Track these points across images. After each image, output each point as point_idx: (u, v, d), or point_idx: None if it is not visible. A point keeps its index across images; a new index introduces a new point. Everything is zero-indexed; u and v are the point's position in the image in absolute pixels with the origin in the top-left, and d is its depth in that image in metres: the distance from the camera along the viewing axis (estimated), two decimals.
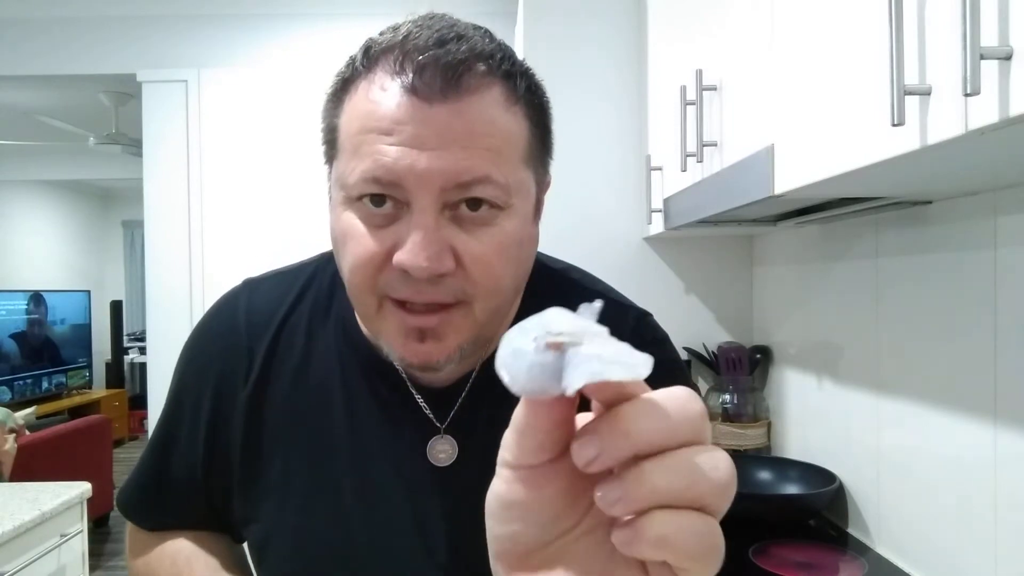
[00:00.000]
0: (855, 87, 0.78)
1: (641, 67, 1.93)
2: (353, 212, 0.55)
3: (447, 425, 0.64)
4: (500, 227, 0.56)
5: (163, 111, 2.94)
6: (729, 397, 1.80)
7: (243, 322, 0.69)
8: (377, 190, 0.53)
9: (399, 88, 0.52)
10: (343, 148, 0.56)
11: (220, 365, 0.68)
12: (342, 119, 0.57)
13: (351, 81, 0.56)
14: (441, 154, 0.52)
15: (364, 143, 0.53)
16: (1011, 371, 0.96)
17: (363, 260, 0.55)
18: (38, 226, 6.70)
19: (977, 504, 1.03)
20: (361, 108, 0.54)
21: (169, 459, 0.71)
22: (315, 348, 0.67)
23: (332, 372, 0.66)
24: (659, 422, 0.30)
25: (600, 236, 1.95)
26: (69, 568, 1.90)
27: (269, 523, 0.65)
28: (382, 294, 0.56)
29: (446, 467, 0.64)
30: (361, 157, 0.53)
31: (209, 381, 0.68)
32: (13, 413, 3.20)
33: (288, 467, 0.65)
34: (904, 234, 1.21)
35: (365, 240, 0.55)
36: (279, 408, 0.66)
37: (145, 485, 0.73)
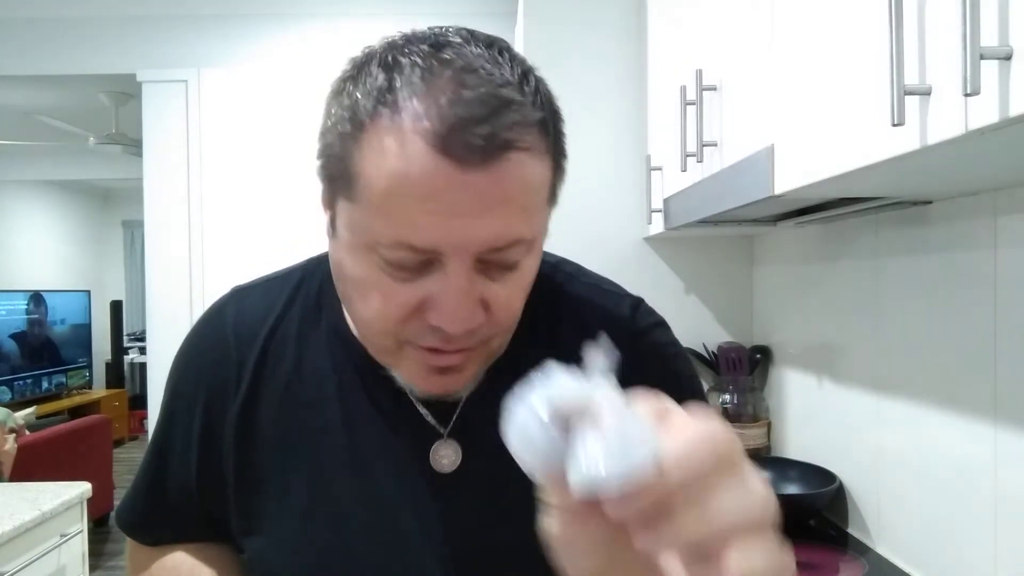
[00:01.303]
0: (855, 87, 0.78)
1: (641, 67, 1.92)
2: (376, 260, 0.51)
3: (450, 430, 0.62)
4: (524, 268, 0.55)
5: (163, 111, 2.94)
6: (729, 397, 1.80)
7: (231, 333, 0.66)
8: (410, 256, 0.50)
9: (437, 153, 0.47)
10: (367, 201, 0.50)
11: (209, 379, 0.67)
12: (364, 164, 0.50)
13: (372, 119, 0.49)
14: (477, 222, 0.49)
15: (396, 208, 0.49)
16: (1011, 371, 0.96)
17: (388, 313, 0.53)
18: (38, 226, 6.70)
19: (977, 504, 1.03)
20: (392, 165, 0.48)
21: (164, 474, 0.70)
22: (307, 356, 0.65)
23: (327, 380, 0.64)
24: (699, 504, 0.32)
25: (600, 236, 1.95)
26: (69, 568, 1.90)
27: (267, 537, 0.64)
28: (404, 340, 0.55)
29: (450, 473, 0.62)
30: (392, 222, 0.49)
31: (200, 395, 0.67)
32: (13, 413, 3.20)
33: (285, 480, 0.63)
34: (904, 234, 1.21)
35: (392, 293, 0.52)
36: (272, 419, 0.64)
37: (142, 501, 0.73)
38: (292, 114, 2.92)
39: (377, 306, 0.53)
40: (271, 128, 2.94)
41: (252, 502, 0.64)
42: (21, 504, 1.79)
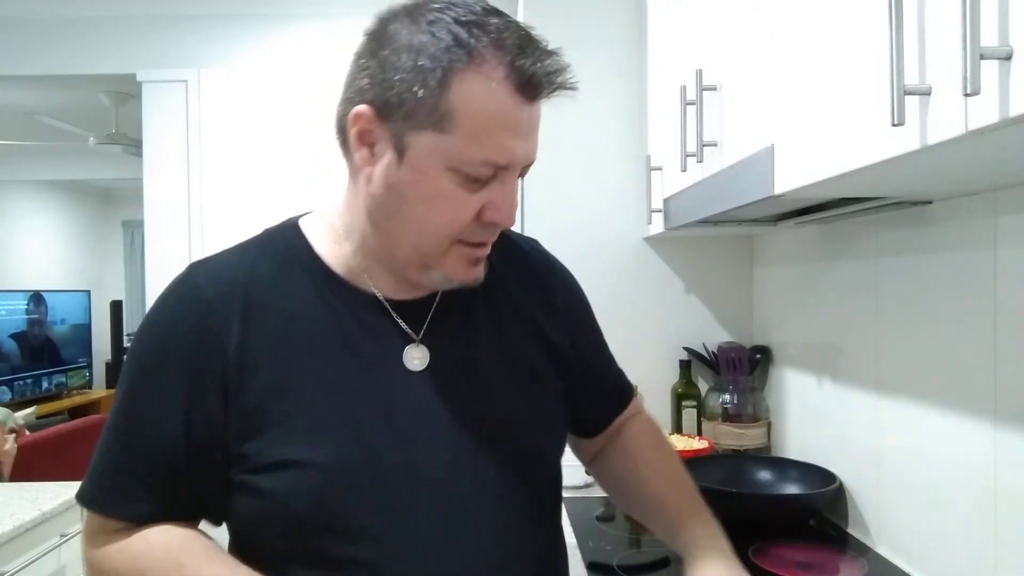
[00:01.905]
0: (855, 87, 0.78)
1: (641, 67, 1.93)
2: (451, 177, 0.67)
3: (421, 336, 0.76)
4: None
5: (163, 111, 2.94)
6: (729, 397, 1.80)
7: (210, 294, 0.72)
8: (488, 172, 0.68)
9: (518, 93, 0.66)
10: (460, 129, 0.65)
11: (192, 342, 0.71)
12: (458, 103, 0.65)
13: (458, 64, 0.64)
14: (530, 143, 0.69)
15: (489, 135, 0.66)
16: (1011, 371, 0.96)
17: (459, 218, 0.69)
18: (38, 226, 6.70)
19: (977, 504, 1.03)
20: (486, 103, 0.65)
21: (142, 444, 0.71)
22: (289, 298, 0.74)
23: (317, 311, 0.74)
24: None
25: (600, 236, 1.95)
26: (69, 568, 1.90)
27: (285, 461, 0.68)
28: (458, 240, 0.71)
29: (423, 368, 0.75)
30: (484, 145, 0.66)
31: (183, 359, 0.70)
32: (13, 413, 3.20)
33: (289, 407, 0.70)
34: (904, 234, 1.21)
35: (465, 202, 0.68)
36: (268, 359, 0.71)
37: (115, 475, 0.72)
38: (292, 114, 2.93)
39: (450, 214, 0.69)
40: (271, 128, 2.94)
41: (263, 439, 0.69)
42: (21, 504, 1.79)
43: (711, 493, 1.44)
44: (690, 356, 1.92)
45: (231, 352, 0.70)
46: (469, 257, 0.72)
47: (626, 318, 1.95)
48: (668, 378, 1.95)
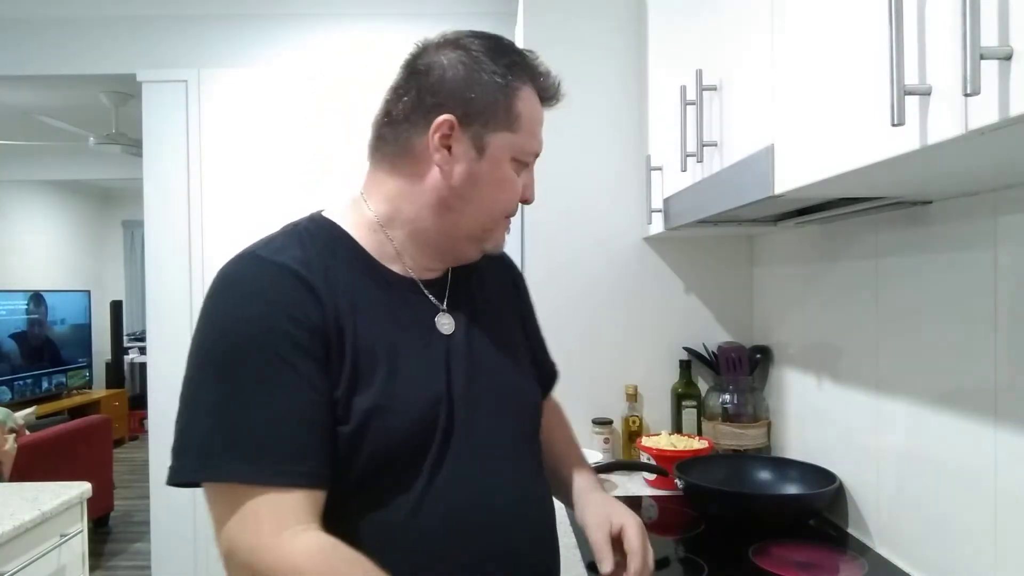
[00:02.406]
0: (855, 87, 0.78)
1: (641, 67, 1.93)
2: (511, 167, 0.88)
3: (446, 305, 0.92)
4: None
5: (163, 111, 2.94)
6: (729, 397, 1.80)
7: (300, 269, 0.81)
8: (530, 159, 0.91)
9: (540, 98, 0.90)
10: (523, 129, 0.87)
11: (305, 306, 0.79)
12: (521, 108, 0.87)
13: (520, 84, 0.87)
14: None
15: (536, 131, 0.90)
16: (1011, 371, 0.96)
17: (516, 195, 0.90)
18: (38, 226, 6.70)
19: (977, 504, 1.03)
20: (534, 108, 0.89)
21: (292, 405, 0.75)
22: (350, 275, 0.85)
23: (367, 288, 0.85)
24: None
25: (600, 236, 1.95)
26: (69, 568, 1.90)
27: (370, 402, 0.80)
28: (506, 214, 0.91)
29: (450, 334, 0.90)
30: (533, 139, 0.90)
31: (305, 323, 0.78)
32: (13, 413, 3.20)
33: (370, 361, 0.81)
34: (904, 234, 1.21)
35: (517, 183, 0.90)
36: (352, 320, 0.82)
37: (278, 441, 0.74)
38: (292, 114, 2.92)
39: (510, 194, 0.89)
40: (271, 128, 2.94)
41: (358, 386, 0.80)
42: (21, 504, 1.79)
43: (711, 493, 1.46)
44: (690, 356, 1.92)
45: (331, 317, 0.80)
46: (504, 230, 0.93)
47: (626, 318, 1.95)
48: (668, 378, 1.95)
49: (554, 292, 1.94)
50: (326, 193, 2.91)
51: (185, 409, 0.79)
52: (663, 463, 1.64)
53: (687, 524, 1.43)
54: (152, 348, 2.93)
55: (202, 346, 0.79)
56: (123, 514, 4.55)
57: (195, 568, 2.89)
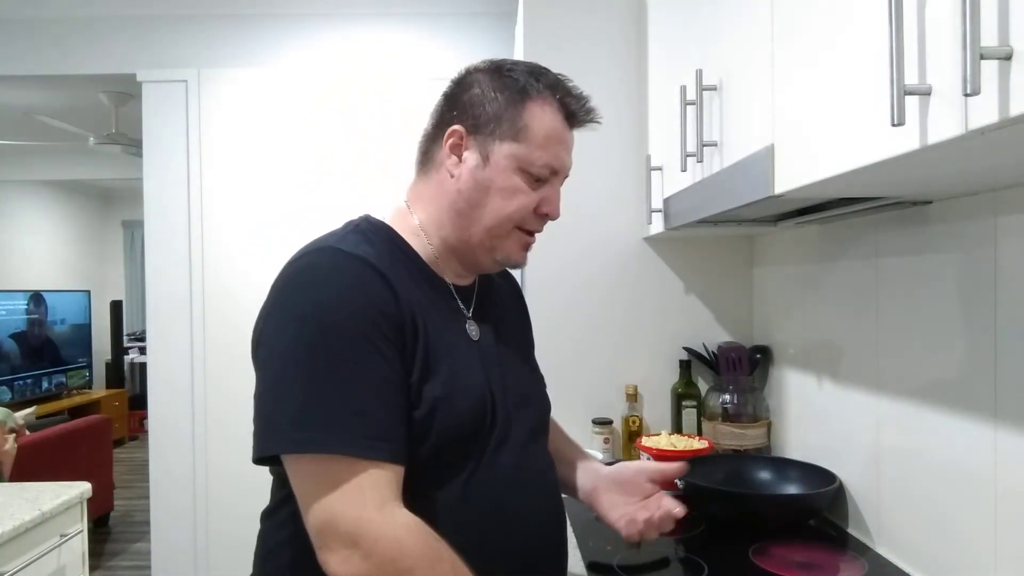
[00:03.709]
0: (855, 87, 0.78)
1: (641, 67, 1.93)
2: (521, 177, 0.92)
3: (472, 313, 0.98)
4: None
5: (163, 111, 2.94)
6: (729, 397, 1.80)
7: (377, 264, 0.86)
8: (547, 173, 0.93)
9: (566, 120, 0.94)
10: (530, 139, 0.91)
11: (385, 297, 0.84)
12: (529, 118, 0.91)
13: (531, 94, 0.92)
14: (570, 158, 0.96)
15: (550, 145, 0.92)
16: (1011, 371, 0.96)
17: (527, 208, 0.93)
18: (38, 226, 6.70)
19: (977, 504, 1.03)
20: (549, 122, 0.92)
21: (384, 386, 0.81)
22: (410, 275, 0.91)
23: (419, 289, 0.91)
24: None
25: (600, 236, 1.95)
26: (69, 568, 1.90)
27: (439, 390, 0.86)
28: (519, 227, 0.94)
29: (477, 340, 0.96)
30: (546, 152, 0.92)
31: (385, 312, 0.83)
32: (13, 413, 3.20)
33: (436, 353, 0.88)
34: (904, 234, 1.21)
35: (529, 195, 0.93)
36: (419, 315, 0.88)
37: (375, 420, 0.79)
38: (292, 114, 2.92)
39: (517, 204, 0.92)
40: (271, 128, 2.94)
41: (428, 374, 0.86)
42: (21, 504, 1.79)
43: (711, 493, 1.46)
44: (690, 356, 1.92)
45: (407, 310, 0.85)
46: (523, 243, 0.96)
47: (626, 318, 1.95)
48: (668, 378, 1.95)
49: (554, 292, 1.94)
50: (326, 193, 2.92)
51: (275, 385, 0.81)
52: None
53: (687, 524, 1.43)
54: (152, 348, 2.93)
55: (289, 329, 0.81)
56: (123, 514, 4.55)
57: (195, 568, 2.88)
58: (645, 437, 1.81)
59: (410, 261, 0.94)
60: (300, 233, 3.09)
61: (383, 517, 0.76)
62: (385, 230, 0.95)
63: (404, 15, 2.92)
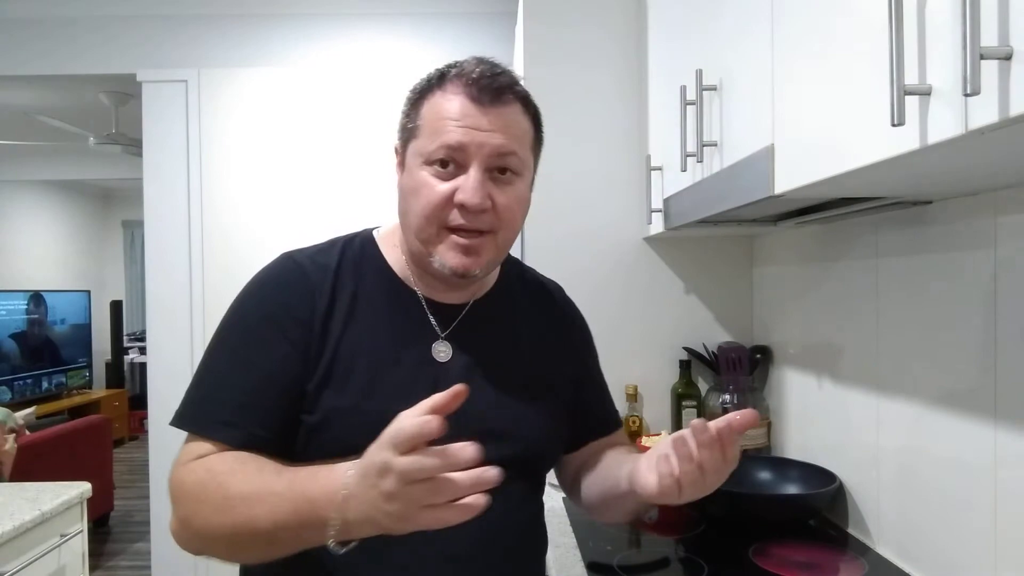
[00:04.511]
0: (855, 87, 0.78)
1: (641, 67, 1.93)
2: (427, 171, 0.87)
3: (447, 334, 0.95)
4: (516, 187, 0.90)
5: (163, 111, 2.94)
6: (729, 397, 1.80)
7: (308, 270, 0.92)
8: (446, 155, 0.85)
9: (465, 98, 0.86)
10: (424, 131, 0.88)
11: (296, 301, 0.89)
12: (423, 113, 0.88)
13: (428, 92, 0.89)
14: (489, 135, 0.86)
15: (442, 127, 0.86)
16: (1011, 371, 0.96)
17: (435, 199, 0.86)
18: (38, 226, 6.70)
19: (977, 504, 1.03)
20: (439, 107, 0.87)
21: (255, 376, 0.86)
22: (361, 287, 0.93)
23: (378, 302, 0.93)
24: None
25: (600, 236, 1.95)
26: (69, 568, 1.90)
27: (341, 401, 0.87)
28: (442, 224, 0.87)
29: (445, 361, 0.93)
30: (439, 134, 0.86)
31: (290, 312, 0.89)
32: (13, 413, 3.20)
33: (350, 367, 0.88)
34: (904, 234, 1.21)
35: (437, 187, 0.86)
36: (341, 329, 0.89)
37: (217, 402, 0.87)
38: (292, 114, 2.92)
39: (427, 197, 0.86)
40: (271, 128, 2.94)
41: (330, 383, 0.87)
42: (21, 504, 1.79)
43: (711, 493, 1.45)
44: (690, 356, 1.92)
45: (319, 317, 0.88)
46: (455, 244, 0.88)
47: (626, 318, 1.95)
48: (668, 378, 1.95)
49: None
50: (326, 193, 2.92)
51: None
52: None
53: (687, 524, 1.43)
54: (152, 348, 2.93)
55: (221, 321, 0.93)
56: (123, 514, 4.55)
57: (195, 568, 2.89)
58: (645, 437, 1.81)
59: (380, 275, 0.95)
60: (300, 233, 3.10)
61: (180, 470, 0.85)
62: (365, 243, 0.98)
63: (404, 15, 2.92)
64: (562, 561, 1.25)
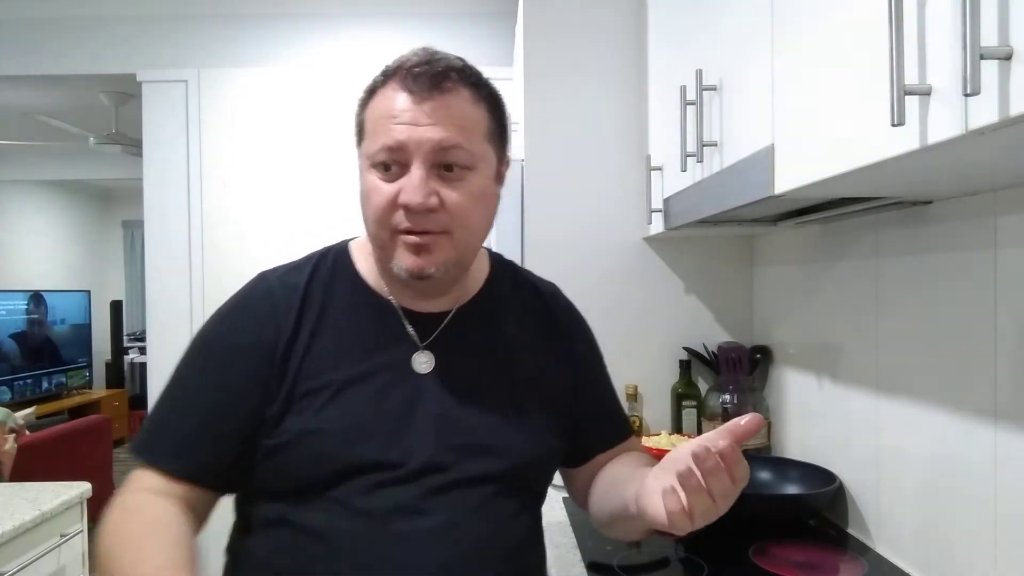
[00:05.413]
0: (855, 87, 0.78)
1: (641, 67, 1.93)
2: (374, 174, 0.84)
3: (428, 344, 0.91)
4: (469, 182, 0.84)
5: (163, 111, 2.94)
6: (729, 397, 1.80)
7: (278, 293, 0.90)
8: (388, 157, 0.81)
9: (402, 91, 0.82)
10: (368, 132, 0.85)
11: (262, 326, 0.87)
12: (367, 115, 0.86)
13: (373, 92, 0.86)
14: (429, 129, 0.80)
15: (380, 127, 0.82)
16: (1011, 371, 0.96)
17: (381, 203, 0.83)
18: (38, 226, 6.70)
19: (977, 504, 1.03)
20: (380, 105, 0.84)
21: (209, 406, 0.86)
22: (333, 303, 0.90)
23: (351, 317, 0.90)
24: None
25: (600, 236, 1.95)
26: (69, 568, 1.90)
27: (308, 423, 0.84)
28: (393, 228, 0.83)
29: (428, 371, 0.89)
30: (379, 135, 0.82)
31: (256, 338, 0.87)
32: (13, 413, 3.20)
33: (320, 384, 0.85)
34: (904, 234, 1.21)
35: (382, 190, 0.83)
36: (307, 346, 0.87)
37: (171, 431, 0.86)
38: (292, 114, 2.92)
39: (375, 202, 0.83)
40: (271, 128, 2.94)
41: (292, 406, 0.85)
42: (21, 504, 1.79)
43: None
44: (690, 356, 1.92)
45: (284, 341, 0.86)
46: (408, 245, 0.84)
47: (626, 318, 1.95)
48: (668, 378, 1.95)
49: None
50: (325, 193, 2.92)
51: None
52: None
53: None
54: (152, 348, 2.93)
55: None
56: None
57: None
58: (645, 437, 1.81)
59: (353, 288, 0.92)
60: (299, 233, 3.09)
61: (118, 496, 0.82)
62: (339, 256, 0.95)
63: (404, 15, 2.92)
64: (562, 561, 1.25)
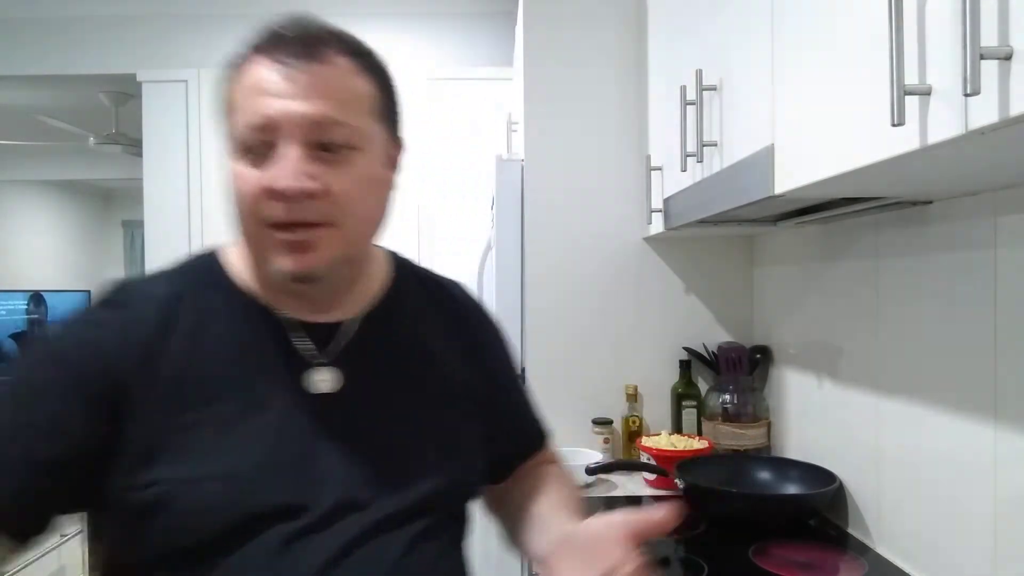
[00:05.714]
0: (855, 87, 0.78)
1: (641, 67, 1.93)
2: (240, 161, 0.71)
3: (332, 360, 0.77)
4: (355, 165, 0.71)
5: (163, 111, 2.94)
6: (729, 397, 1.80)
7: (139, 306, 0.73)
8: (255, 137, 0.69)
9: (271, 62, 0.70)
10: (232, 111, 0.72)
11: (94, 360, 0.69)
12: (232, 93, 0.73)
13: (238, 65, 0.73)
14: (302, 103, 0.68)
15: (247, 105, 0.70)
16: (1011, 371, 0.96)
17: (248, 192, 0.70)
18: (38, 226, 6.70)
19: (977, 504, 1.03)
20: (244, 79, 0.71)
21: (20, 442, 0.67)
22: (205, 320, 0.74)
23: (227, 334, 0.74)
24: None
25: (600, 236, 1.95)
26: (69, 568, 1.90)
27: (175, 475, 0.68)
28: (263, 221, 0.70)
29: (330, 395, 0.75)
30: (245, 111, 0.70)
31: (79, 378, 0.69)
32: None
33: (190, 423, 0.69)
34: (904, 234, 1.21)
35: (249, 177, 0.70)
36: (173, 376, 0.70)
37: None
38: None
39: (241, 191, 0.71)
40: None
41: (161, 450, 0.68)
42: None
43: (711, 493, 1.45)
44: (690, 356, 1.92)
45: (133, 375, 0.69)
46: (284, 243, 0.70)
47: (626, 318, 1.95)
48: (668, 378, 1.95)
49: (554, 292, 1.94)
50: None
51: None
52: (663, 463, 1.64)
53: (687, 524, 1.43)
54: None
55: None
56: None
57: None
58: (645, 437, 1.81)
59: (229, 300, 0.76)
60: None
61: None
62: (211, 263, 0.80)
63: (404, 15, 2.92)
64: None
